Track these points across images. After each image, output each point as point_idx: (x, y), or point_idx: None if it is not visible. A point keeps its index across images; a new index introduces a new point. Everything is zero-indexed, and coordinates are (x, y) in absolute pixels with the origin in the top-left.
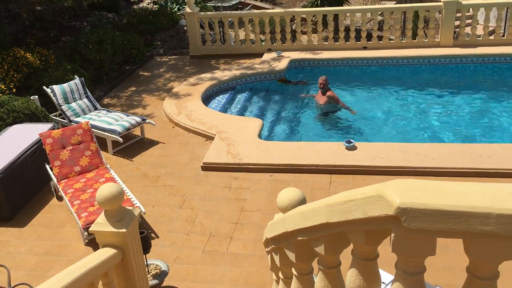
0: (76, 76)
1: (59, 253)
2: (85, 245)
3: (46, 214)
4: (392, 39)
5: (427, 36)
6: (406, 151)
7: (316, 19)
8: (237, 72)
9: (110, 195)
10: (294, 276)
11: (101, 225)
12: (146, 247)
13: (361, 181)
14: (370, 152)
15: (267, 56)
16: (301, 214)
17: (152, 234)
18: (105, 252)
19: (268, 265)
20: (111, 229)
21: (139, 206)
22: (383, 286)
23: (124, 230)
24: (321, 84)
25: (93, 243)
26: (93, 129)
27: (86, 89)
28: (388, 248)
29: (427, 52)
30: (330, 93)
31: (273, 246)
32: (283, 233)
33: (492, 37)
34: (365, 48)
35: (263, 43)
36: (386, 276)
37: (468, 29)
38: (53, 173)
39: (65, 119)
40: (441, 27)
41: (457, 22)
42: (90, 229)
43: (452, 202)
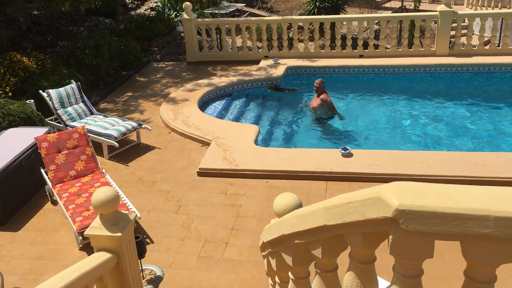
0: (73, 81)
1: (53, 258)
2: (79, 250)
3: (41, 219)
4: (388, 48)
5: (423, 45)
6: (402, 159)
7: (313, 27)
8: (234, 79)
9: (106, 199)
10: (291, 280)
11: (96, 229)
12: (141, 252)
13: (357, 188)
14: (366, 159)
15: (264, 63)
16: (299, 217)
17: (147, 239)
18: (100, 256)
19: (264, 271)
20: (106, 233)
21: (135, 211)
22: None
23: (120, 234)
24: (316, 87)
25: (87, 248)
26: (89, 134)
27: (83, 94)
28: (385, 255)
29: (423, 61)
30: (324, 96)
31: (270, 250)
32: (280, 237)
33: (487, 47)
34: (362, 56)
35: (260, 50)
36: (382, 283)
37: (464, 39)
38: (48, 177)
39: (61, 124)
40: (437, 37)
41: (453, 32)
42: (85, 233)
43: (451, 205)
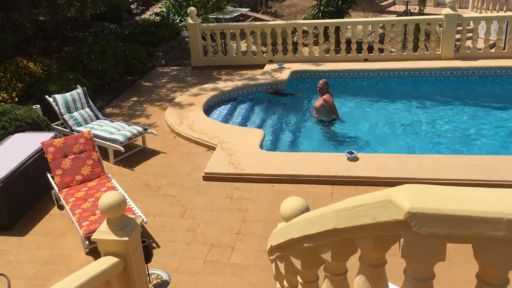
0: (79, 86)
1: (60, 262)
2: (86, 254)
3: (47, 223)
4: (393, 52)
5: (428, 49)
6: (408, 163)
7: (318, 31)
8: (239, 83)
9: (113, 203)
10: (300, 284)
11: (104, 233)
12: (148, 256)
13: (363, 192)
14: (372, 163)
15: (269, 67)
16: (308, 220)
17: (153, 244)
18: (107, 261)
19: (271, 275)
20: (114, 237)
21: (141, 215)
22: None
23: (127, 239)
24: (319, 88)
25: (94, 252)
26: (95, 139)
27: (88, 99)
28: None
29: (428, 65)
30: (326, 96)
31: (278, 254)
32: (289, 240)
33: (493, 50)
34: (366, 60)
35: (265, 55)
36: (392, 287)
37: (469, 42)
38: (55, 182)
39: (67, 128)
40: (442, 40)
41: (458, 35)
42: (93, 237)
43: (463, 207)
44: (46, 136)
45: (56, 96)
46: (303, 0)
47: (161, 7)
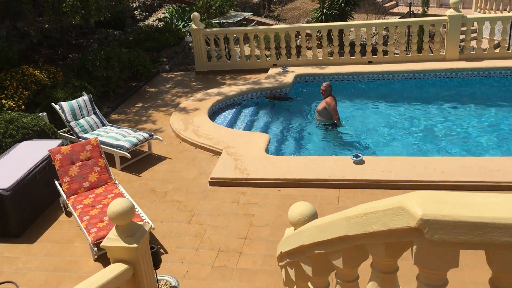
0: (84, 93)
1: (69, 269)
2: (95, 261)
3: (55, 230)
4: (398, 53)
5: (433, 50)
6: (415, 165)
7: (321, 34)
8: (244, 87)
9: (122, 210)
10: None
11: (113, 240)
12: (157, 263)
13: (370, 195)
14: (378, 166)
15: (273, 71)
16: (319, 227)
17: (161, 250)
18: (117, 268)
19: (279, 280)
20: (123, 244)
21: (148, 222)
22: None
23: (136, 245)
24: (322, 90)
25: (103, 259)
26: (101, 145)
27: (94, 106)
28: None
29: (433, 66)
30: (329, 99)
31: (288, 260)
32: (299, 247)
33: (498, 50)
34: (371, 63)
35: (269, 59)
36: None
37: (474, 43)
38: (62, 189)
39: (74, 136)
40: (447, 41)
41: (462, 36)
42: (102, 244)
43: (475, 214)
44: (53, 144)
45: (63, 104)
46: (306, 3)
47: (164, 13)
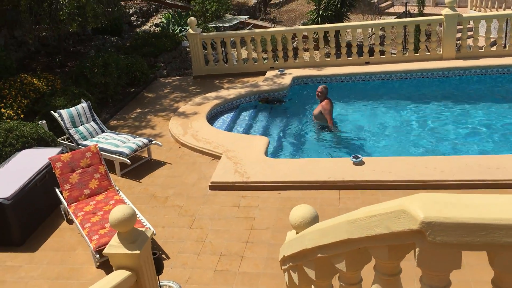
0: (83, 100)
1: (71, 277)
2: (97, 268)
3: (57, 238)
4: (394, 53)
5: (429, 49)
6: (415, 165)
7: (317, 36)
8: (242, 91)
9: (123, 217)
10: None
11: (115, 247)
12: (159, 268)
13: (370, 196)
14: (378, 167)
15: (270, 74)
16: (321, 231)
17: (163, 255)
18: (120, 275)
19: (281, 283)
20: (125, 251)
21: (150, 227)
22: None
23: (138, 252)
24: (318, 93)
25: (105, 266)
26: (101, 152)
27: (93, 112)
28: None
29: (430, 65)
30: (324, 103)
31: (291, 264)
32: (302, 250)
33: (494, 48)
34: (368, 63)
35: (266, 61)
36: None
37: (470, 41)
38: (63, 197)
39: (73, 143)
40: (443, 40)
41: (459, 35)
42: (104, 252)
43: (477, 215)
44: (53, 152)
45: (62, 111)
46: (302, 5)
47: (161, 18)
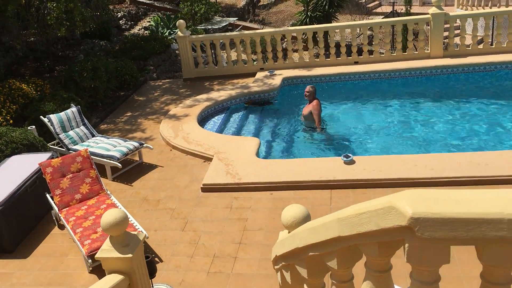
0: (73, 104)
1: (64, 283)
2: (89, 273)
3: (48, 244)
4: (383, 53)
5: (417, 48)
6: (405, 163)
7: (306, 37)
8: (233, 92)
9: (115, 221)
10: None
11: (107, 252)
12: (152, 272)
13: (361, 195)
14: (369, 166)
15: (260, 75)
16: (312, 229)
17: (156, 258)
18: (112, 279)
19: (275, 283)
20: (118, 255)
21: (142, 231)
22: None
23: (131, 255)
24: (306, 93)
25: (97, 271)
26: (92, 156)
27: (83, 117)
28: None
29: (418, 64)
30: (315, 104)
31: (283, 264)
32: (294, 250)
33: (481, 46)
34: (357, 63)
35: (255, 63)
36: None
37: (457, 39)
38: (54, 202)
39: (63, 148)
40: (430, 39)
41: (446, 33)
42: (96, 256)
43: (464, 210)
44: (43, 157)
45: (51, 116)
46: (290, 6)
47: (150, 21)
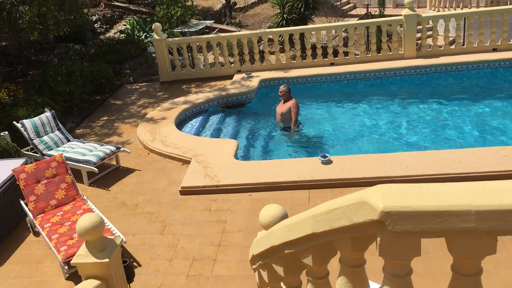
0: (47, 109)
1: None
2: (66, 280)
3: (23, 251)
4: (358, 54)
5: (391, 49)
6: (381, 162)
7: (283, 39)
8: (210, 95)
9: (91, 225)
10: None
11: (83, 257)
12: (130, 276)
13: (339, 194)
14: (346, 165)
15: (238, 77)
16: (287, 227)
17: (135, 263)
18: (89, 284)
19: (254, 284)
20: (94, 260)
21: (119, 235)
22: None
23: (107, 260)
24: (281, 92)
25: (74, 277)
26: (67, 161)
27: (58, 122)
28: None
29: (392, 65)
30: (295, 103)
31: (260, 263)
32: (270, 248)
33: (453, 47)
34: (333, 64)
35: (233, 65)
36: (373, 285)
37: (430, 40)
38: (29, 209)
39: (38, 153)
40: (404, 40)
41: (419, 34)
42: (72, 262)
43: (433, 203)
44: (17, 163)
45: (24, 121)
46: (266, 9)
47: (125, 25)
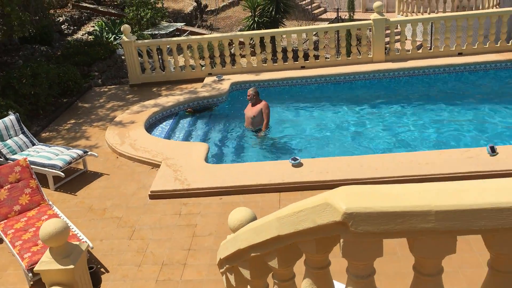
0: (11, 112)
1: None
2: (30, 287)
3: None
4: (328, 58)
5: (361, 53)
6: (350, 164)
7: (254, 42)
8: (181, 98)
9: (55, 231)
10: None
11: (47, 264)
12: (96, 283)
13: (309, 196)
14: (316, 168)
15: (209, 80)
16: (253, 230)
17: (102, 269)
18: None
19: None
20: (58, 267)
21: (86, 241)
22: None
23: (72, 267)
24: (249, 96)
25: (38, 285)
26: (32, 166)
27: (22, 125)
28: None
29: (362, 68)
30: (264, 103)
31: (228, 266)
32: (236, 251)
33: (420, 51)
34: (303, 68)
35: (203, 68)
36: (339, 286)
37: (398, 45)
38: None
39: (1, 158)
40: (373, 44)
41: (387, 39)
42: (35, 269)
43: (394, 203)
44: None
45: None
46: (238, 12)
47: (94, 26)
